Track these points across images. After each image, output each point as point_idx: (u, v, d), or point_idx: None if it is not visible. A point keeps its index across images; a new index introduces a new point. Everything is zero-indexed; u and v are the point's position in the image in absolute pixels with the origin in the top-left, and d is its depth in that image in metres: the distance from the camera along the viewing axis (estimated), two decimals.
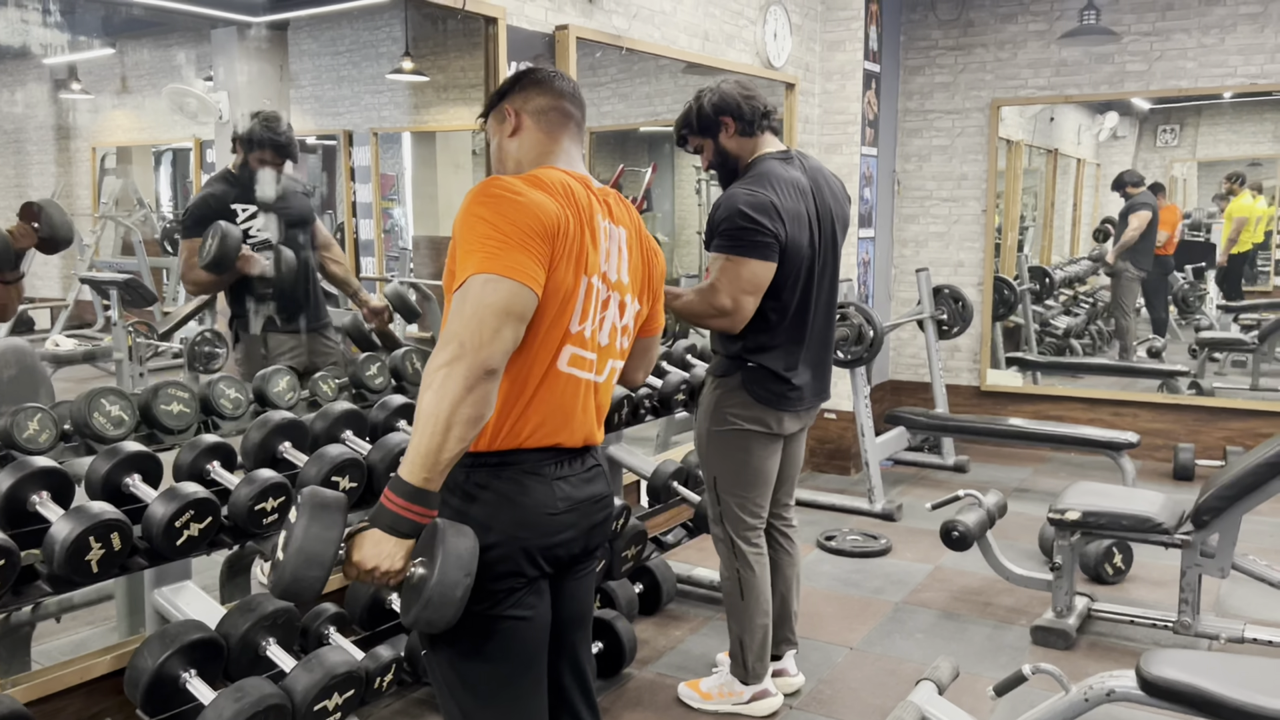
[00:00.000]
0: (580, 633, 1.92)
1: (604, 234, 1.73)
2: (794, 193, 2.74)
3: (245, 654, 2.24)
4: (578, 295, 1.67)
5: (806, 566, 4.30)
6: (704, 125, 2.81)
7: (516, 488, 1.69)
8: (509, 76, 1.88)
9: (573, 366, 1.71)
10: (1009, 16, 6.09)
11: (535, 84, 1.81)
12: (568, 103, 1.82)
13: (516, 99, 1.81)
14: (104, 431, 2.46)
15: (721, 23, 4.72)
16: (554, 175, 1.71)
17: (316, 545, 1.47)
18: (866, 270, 5.88)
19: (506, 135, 1.81)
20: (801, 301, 2.81)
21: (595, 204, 1.74)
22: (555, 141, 1.80)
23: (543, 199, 1.62)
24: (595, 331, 1.73)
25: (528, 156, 1.79)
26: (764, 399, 2.82)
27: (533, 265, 1.57)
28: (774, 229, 2.66)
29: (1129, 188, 6.86)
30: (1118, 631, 3.62)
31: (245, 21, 5.19)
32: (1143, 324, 7.25)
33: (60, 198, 7.41)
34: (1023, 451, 6.18)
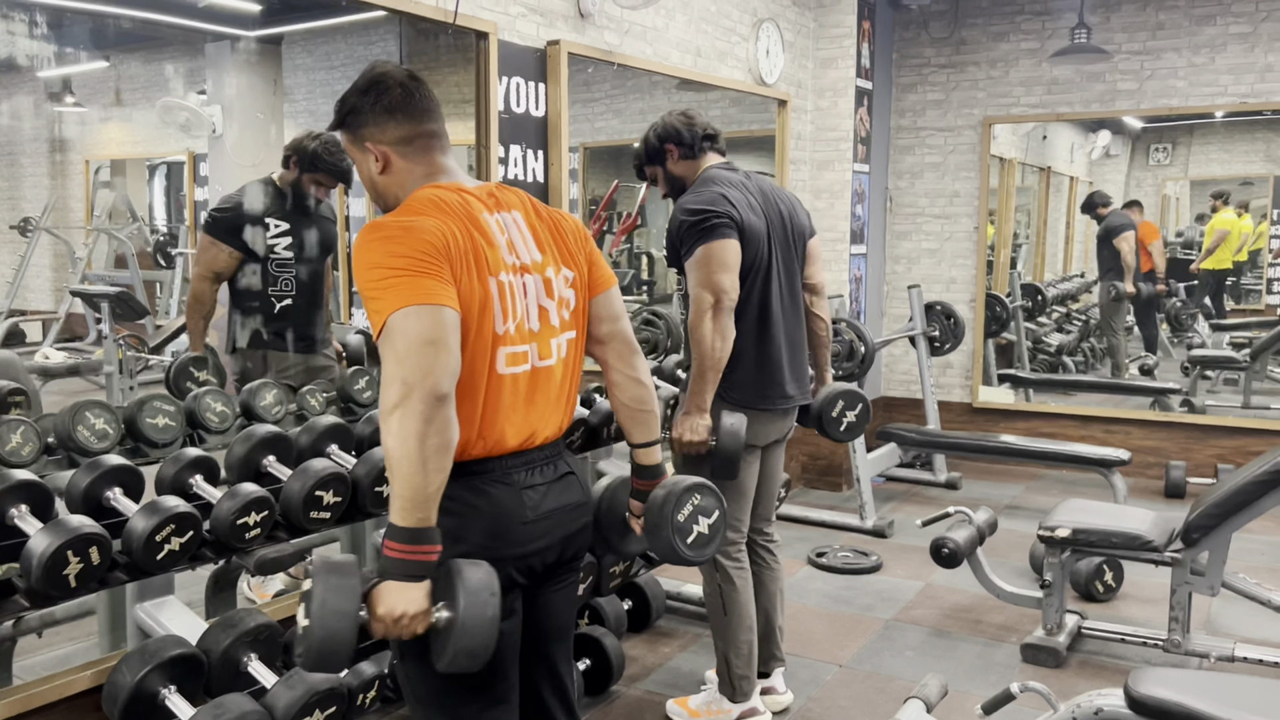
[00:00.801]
0: (560, 646, 1.91)
1: (497, 228, 1.72)
2: (740, 188, 2.83)
3: (226, 670, 2.21)
4: (491, 298, 1.66)
5: (797, 583, 4.28)
6: (651, 154, 2.96)
7: (485, 498, 1.69)
8: (357, 88, 1.76)
9: (510, 365, 1.70)
10: (1001, 35, 6.12)
11: (389, 111, 1.73)
12: (428, 122, 1.76)
13: (373, 129, 1.74)
14: (88, 445, 2.44)
15: (714, 39, 4.74)
16: (425, 194, 1.69)
17: (336, 623, 1.48)
18: (858, 286, 5.89)
19: (376, 173, 1.77)
20: (763, 294, 2.84)
21: (475, 204, 1.71)
22: (428, 165, 1.76)
23: (421, 222, 1.61)
24: (522, 323, 1.72)
25: (404, 190, 1.75)
26: (741, 402, 2.83)
27: (439, 286, 1.56)
28: (725, 211, 2.72)
29: (1099, 208, 6.90)
30: (1108, 649, 3.60)
31: (239, 35, 5.20)
32: (1135, 341, 7.26)
33: (53, 210, 7.40)
34: (1015, 468, 6.18)
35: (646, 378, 1.97)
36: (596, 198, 7.00)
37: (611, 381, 1.96)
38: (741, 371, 2.84)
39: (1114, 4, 5.84)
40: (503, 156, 3.56)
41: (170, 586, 2.51)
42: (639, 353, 1.97)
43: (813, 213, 5.75)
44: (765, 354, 2.87)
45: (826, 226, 5.71)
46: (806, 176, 5.71)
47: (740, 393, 2.84)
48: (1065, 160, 7.70)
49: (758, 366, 2.85)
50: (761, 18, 5.07)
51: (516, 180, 3.63)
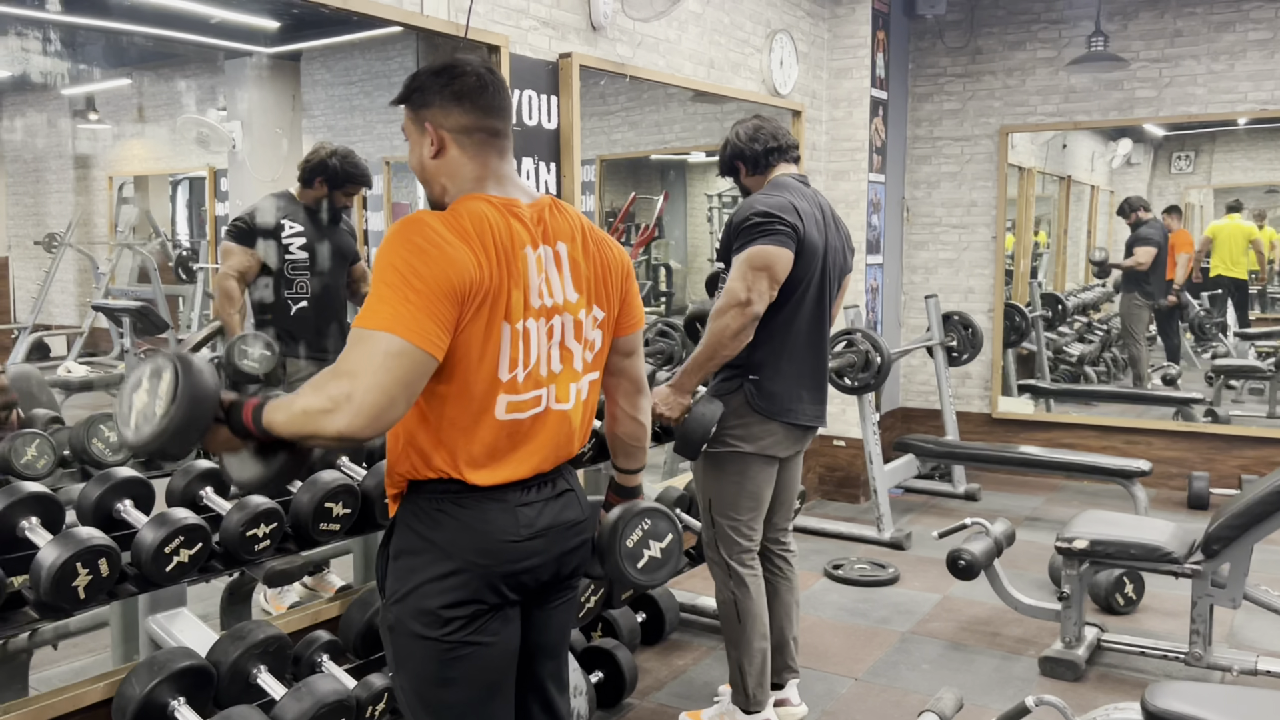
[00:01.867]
0: (551, 664, 1.88)
1: (535, 266, 1.65)
2: (810, 203, 2.86)
3: (235, 682, 2.22)
4: (498, 345, 1.61)
5: (813, 595, 4.26)
6: (727, 169, 3.05)
7: (477, 515, 1.66)
8: (431, 69, 1.71)
9: (513, 412, 1.66)
10: (1017, 44, 6.09)
11: (457, 98, 1.67)
12: (495, 119, 1.70)
13: (437, 112, 1.68)
14: (102, 457, 2.47)
15: (727, 51, 4.74)
16: (476, 211, 1.62)
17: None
18: (875, 296, 5.86)
19: (429, 155, 1.70)
20: (800, 310, 2.85)
21: (521, 234, 1.65)
22: (483, 165, 1.69)
23: (459, 254, 1.55)
24: (538, 368, 1.67)
25: (453, 182, 1.70)
26: (767, 411, 2.83)
27: (435, 330, 1.52)
28: (791, 221, 2.74)
29: (1138, 212, 6.81)
30: (1128, 663, 3.56)
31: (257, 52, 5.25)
32: (1158, 351, 7.19)
33: (77, 226, 7.49)
34: (1035, 479, 6.12)
35: (647, 419, 1.98)
36: (614, 209, 7.02)
37: (612, 415, 1.96)
38: (769, 380, 2.84)
39: (1131, 12, 5.80)
40: (515, 169, 3.57)
41: (182, 598, 2.52)
42: (646, 394, 1.96)
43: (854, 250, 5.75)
44: (795, 368, 2.88)
45: None
46: (822, 187, 5.70)
47: (768, 402, 2.84)
48: (1086, 169, 7.65)
49: (787, 378, 2.86)
50: (775, 29, 5.07)
51: None
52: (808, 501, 5.61)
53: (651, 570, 1.98)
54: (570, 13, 3.77)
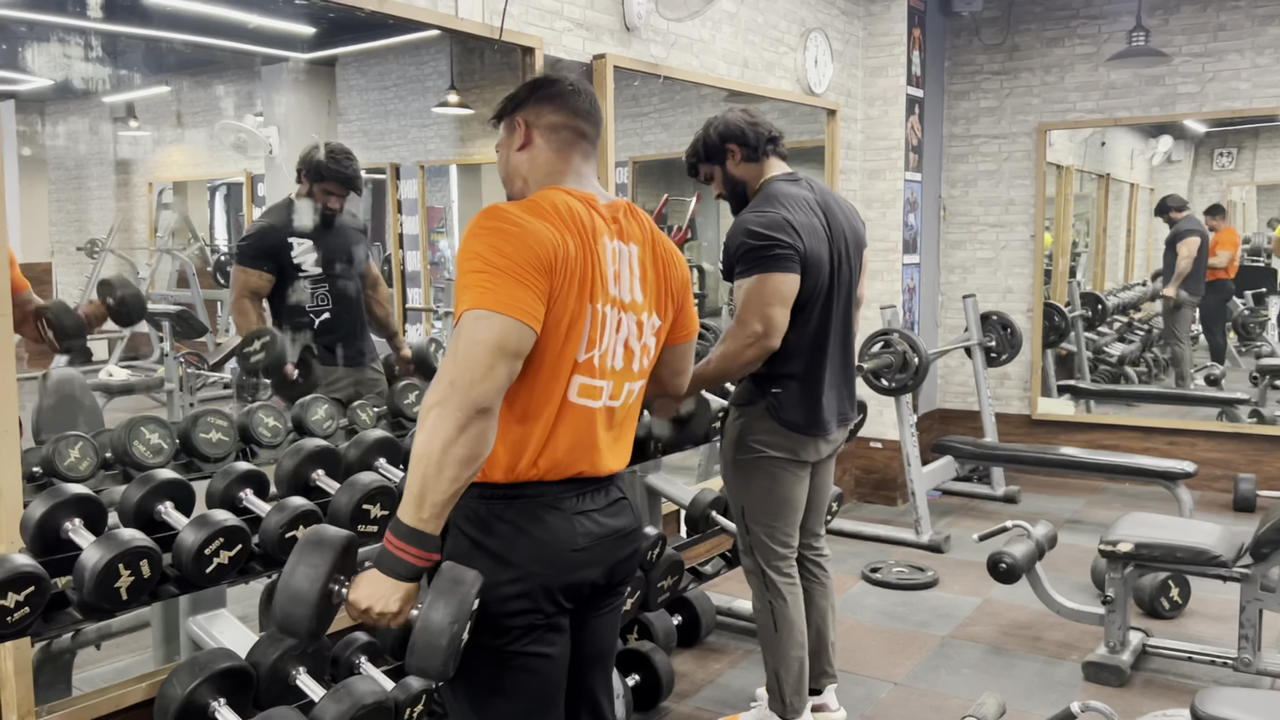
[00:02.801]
0: (600, 672, 1.87)
1: (611, 256, 1.67)
2: (805, 208, 2.74)
3: (275, 683, 2.23)
4: (583, 323, 1.62)
5: (851, 599, 4.22)
6: (710, 153, 2.86)
7: (535, 522, 1.65)
8: (526, 82, 1.81)
9: (583, 397, 1.66)
10: (1055, 40, 6.01)
11: (550, 99, 1.74)
12: (582, 121, 1.75)
13: (529, 111, 1.74)
14: (143, 459, 2.49)
15: (761, 50, 4.72)
16: (556, 198, 1.65)
17: (300, 582, 1.49)
18: (911, 296, 5.81)
19: (515, 148, 1.75)
20: (821, 320, 2.78)
21: (601, 225, 1.68)
22: (565, 160, 1.73)
23: (540, 228, 1.57)
24: (605, 357, 1.68)
25: (535, 175, 1.73)
26: (792, 425, 2.79)
27: (529, 299, 1.52)
28: (790, 242, 2.65)
29: (1172, 212, 6.71)
30: (1174, 668, 3.49)
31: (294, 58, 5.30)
32: (1201, 351, 7.06)
33: (118, 232, 7.60)
34: (1075, 482, 6.03)
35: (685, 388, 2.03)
36: (647, 211, 7.01)
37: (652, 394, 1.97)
38: (790, 395, 2.79)
39: (1173, 6, 5.71)
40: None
41: (222, 600, 2.54)
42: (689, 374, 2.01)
43: (864, 222, 5.70)
44: (815, 380, 2.81)
45: (878, 236, 5.64)
46: (857, 186, 5.65)
47: (789, 414, 2.79)
48: (1125, 166, 7.54)
49: (807, 392, 2.80)
50: (809, 27, 5.04)
51: None
52: (844, 504, 5.56)
53: None
54: (604, 14, 3.77)
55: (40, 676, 2.43)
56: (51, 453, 2.37)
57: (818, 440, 2.85)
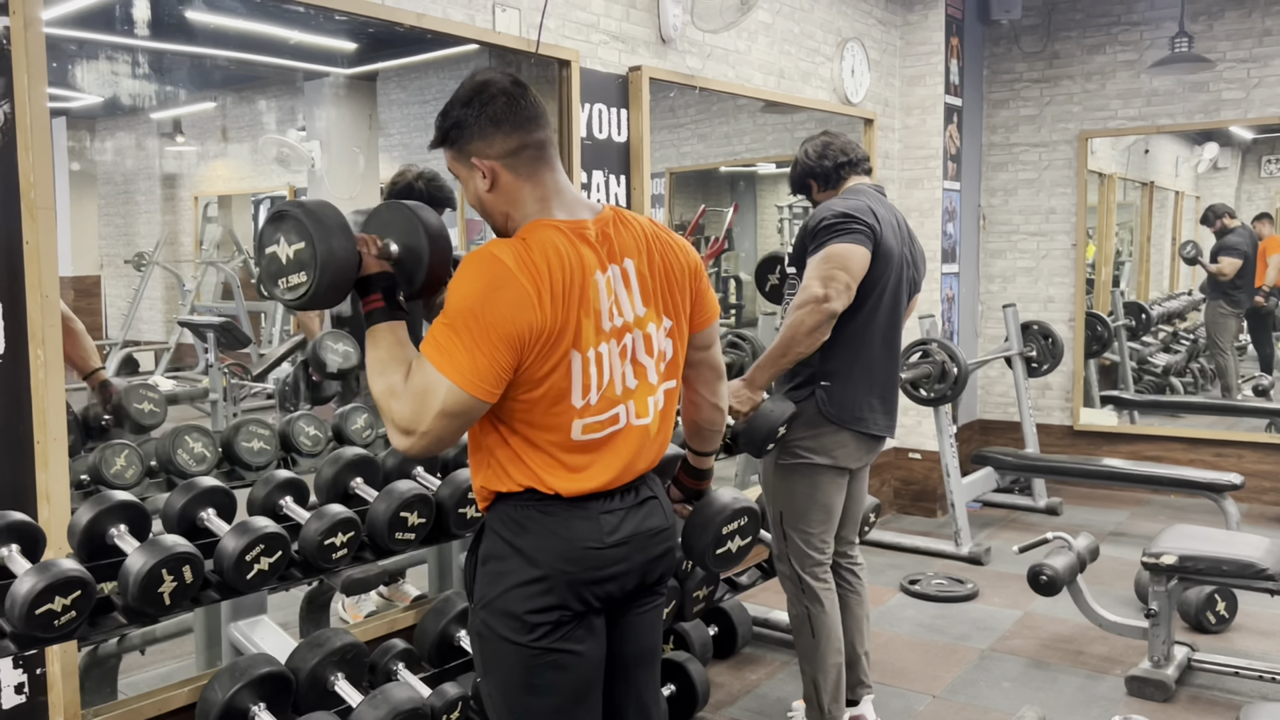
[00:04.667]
0: (646, 672, 1.88)
1: (605, 289, 1.66)
2: (886, 210, 2.86)
3: (314, 689, 2.26)
4: (571, 376, 1.63)
5: (889, 611, 4.18)
6: (799, 188, 3.05)
7: (561, 522, 1.68)
8: (456, 101, 1.68)
9: (589, 433, 1.67)
10: (1096, 47, 5.95)
11: (492, 122, 1.64)
12: (535, 131, 1.67)
13: (478, 145, 1.65)
14: (186, 467, 2.54)
15: (797, 60, 4.72)
16: (547, 241, 1.61)
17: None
18: (951, 306, 5.76)
19: (484, 190, 1.68)
20: (873, 317, 2.82)
21: (590, 259, 1.65)
22: (540, 184, 1.67)
23: (525, 298, 1.56)
24: (612, 387, 1.68)
25: (517, 210, 1.68)
26: (839, 419, 2.80)
27: (492, 375, 1.56)
28: (868, 222, 2.73)
29: (1224, 219, 6.59)
30: (1220, 684, 3.42)
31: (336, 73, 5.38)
32: (1250, 361, 6.94)
33: (165, 245, 7.75)
34: (1119, 494, 5.94)
35: (724, 403, 1.98)
36: (684, 222, 7.02)
37: (691, 402, 1.96)
38: (841, 387, 2.81)
39: (1216, 12, 5.63)
40: (585, 182, 3.59)
41: (263, 606, 2.58)
42: (724, 378, 1.97)
43: None
44: (868, 375, 2.85)
45: None
46: (895, 195, 5.62)
47: (839, 409, 2.81)
48: (1170, 174, 7.43)
49: (859, 386, 2.83)
50: (846, 37, 5.03)
51: None
52: (883, 515, 5.52)
53: (723, 561, 2.13)
54: (640, 26, 3.79)
55: (86, 680, 2.48)
56: (99, 460, 2.43)
57: (860, 439, 2.85)
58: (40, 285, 2.14)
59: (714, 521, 2.08)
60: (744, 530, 2.12)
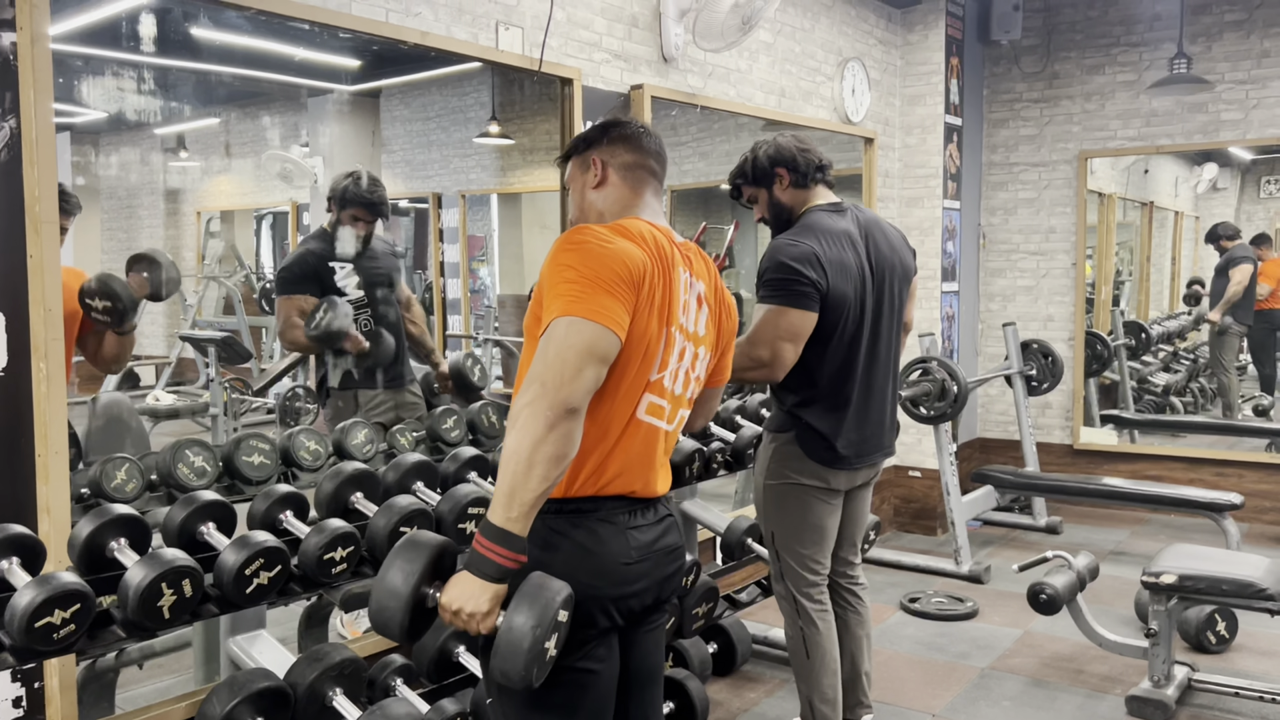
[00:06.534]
0: (652, 689, 1.89)
1: (684, 286, 1.75)
2: (841, 243, 2.71)
3: (312, 704, 2.25)
4: (659, 344, 1.69)
5: (889, 629, 4.18)
6: (759, 176, 2.84)
7: (593, 538, 1.69)
8: (596, 124, 1.90)
9: (650, 415, 1.72)
10: (1096, 68, 5.99)
11: (624, 139, 1.85)
12: (653, 160, 1.86)
13: (603, 151, 1.85)
14: (187, 481, 2.54)
15: (798, 79, 4.75)
16: (639, 225, 1.74)
17: (395, 579, 1.55)
18: (951, 324, 5.77)
19: (591, 186, 1.85)
20: (849, 355, 2.75)
21: (678, 256, 1.76)
22: (638, 196, 1.84)
23: (629, 247, 1.66)
24: (672, 380, 1.75)
25: (611, 209, 1.83)
26: (817, 456, 2.78)
27: (617, 309, 1.59)
28: (813, 278, 2.62)
29: (1224, 240, 6.61)
30: (1221, 704, 3.41)
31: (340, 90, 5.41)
32: (1250, 381, 6.94)
33: None
34: (1119, 513, 5.94)
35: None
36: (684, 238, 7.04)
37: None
38: (817, 430, 2.77)
39: (1215, 33, 5.66)
40: None
41: (262, 621, 2.57)
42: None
43: (914, 250, 5.68)
44: (839, 413, 2.78)
45: (917, 264, 5.63)
46: (895, 214, 5.65)
47: (817, 448, 2.78)
48: (1169, 194, 7.45)
49: (835, 425, 2.77)
50: (846, 57, 5.07)
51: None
52: (883, 533, 5.51)
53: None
54: (642, 45, 3.82)
55: (84, 694, 2.47)
56: (99, 474, 2.43)
57: (842, 472, 2.83)
58: (44, 299, 2.15)
59: None
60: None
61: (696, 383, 1.83)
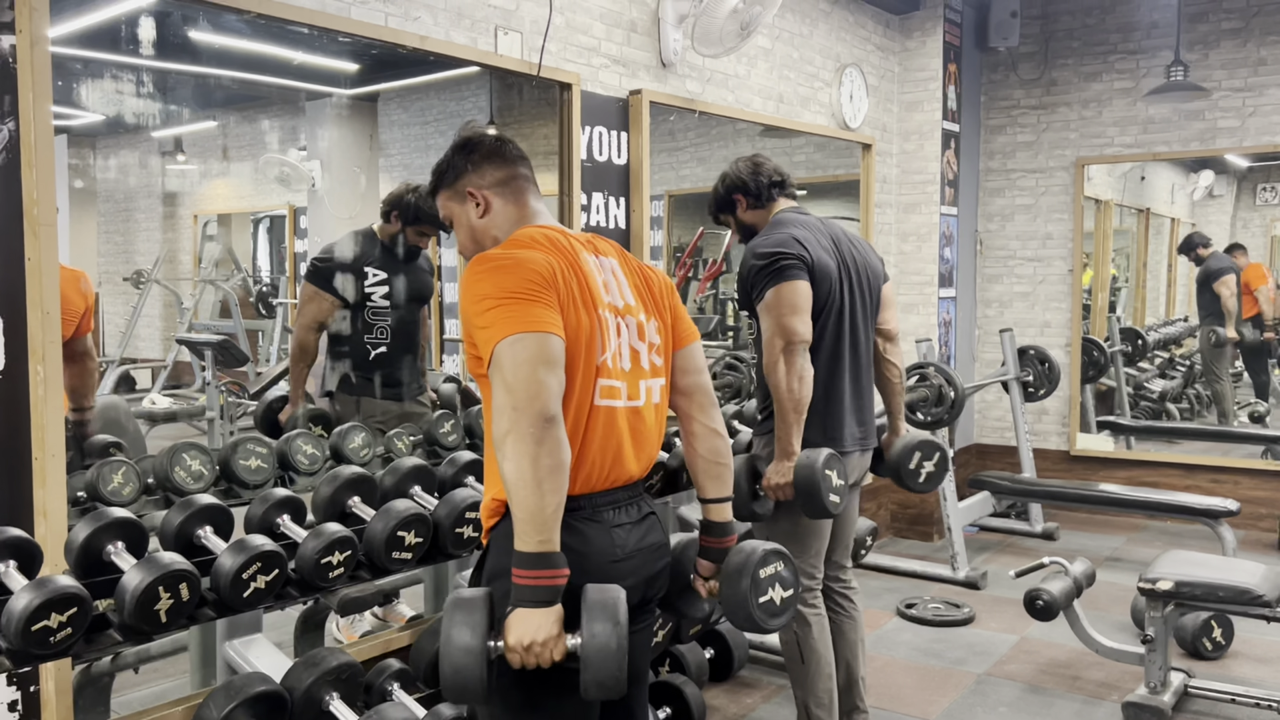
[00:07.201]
0: (639, 688, 1.89)
1: (595, 268, 1.79)
2: (813, 229, 2.83)
3: (309, 709, 2.25)
4: (595, 330, 1.72)
5: (885, 635, 4.17)
6: (721, 204, 3.03)
7: (578, 538, 1.69)
8: (453, 149, 1.90)
9: (606, 398, 1.74)
10: (1093, 75, 6.00)
11: (485, 158, 1.86)
12: (521, 166, 1.89)
13: (471, 178, 1.86)
14: (184, 485, 2.54)
15: (796, 85, 4.76)
16: (530, 231, 1.79)
17: (463, 659, 1.52)
18: (948, 330, 5.78)
19: (477, 217, 1.86)
20: (834, 338, 2.81)
21: (576, 245, 1.81)
22: (524, 207, 1.87)
23: (529, 255, 1.70)
24: (616, 359, 1.76)
25: (503, 229, 1.85)
26: (808, 440, 2.77)
27: (547, 313, 1.63)
28: (796, 253, 2.72)
29: (1199, 249, 6.64)
30: (1217, 710, 3.42)
31: (338, 94, 5.41)
32: (1245, 388, 6.95)
33: (164, 262, 7.75)
34: (1115, 519, 5.94)
35: (724, 430, 1.97)
36: (682, 245, 7.04)
37: (690, 432, 1.94)
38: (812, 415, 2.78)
39: (1212, 41, 5.68)
40: (585, 204, 3.61)
41: (258, 625, 2.57)
42: (717, 405, 1.98)
43: (900, 256, 5.69)
44: (831, 394, 2.84)
45: (913, 270, 5.63)
46: (892, 220, 5.65)
47: (809, 431, 2.79)
48: (1166, 201, 7.47)
49: (823, 406, 2.82)
50: (844, 63, 5.08)
51: (598, 227, 3.68)
52: (880, 539, 5.51)
53: (770, 613, 1.87)
54: (641, 50, 3.82)
55: (80, 699, 2.46)
56: (96, 477, 2.43)
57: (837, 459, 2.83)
58: (41, 302, 2.14)
59: (745, 570, 1.83)
60: (782, 577, 1.88)
61: (655, 351, 1.84)
